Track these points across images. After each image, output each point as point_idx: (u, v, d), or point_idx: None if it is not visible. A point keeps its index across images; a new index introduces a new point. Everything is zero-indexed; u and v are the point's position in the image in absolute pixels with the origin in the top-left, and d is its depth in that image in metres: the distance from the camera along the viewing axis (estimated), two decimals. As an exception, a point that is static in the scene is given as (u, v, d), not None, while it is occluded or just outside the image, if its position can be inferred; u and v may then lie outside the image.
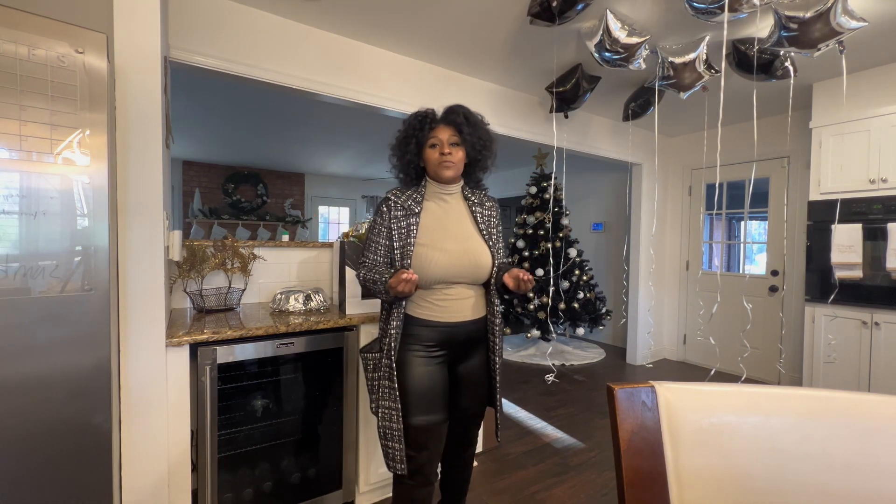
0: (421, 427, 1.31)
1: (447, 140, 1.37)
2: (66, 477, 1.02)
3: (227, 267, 2.07)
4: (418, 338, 1.35)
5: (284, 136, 5.00)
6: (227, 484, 1.57)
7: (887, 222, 2.57)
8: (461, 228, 1.40)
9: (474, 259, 1.36)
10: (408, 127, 1.41)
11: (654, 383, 0.68)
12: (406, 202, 1.39)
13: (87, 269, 1.04)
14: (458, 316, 1.36)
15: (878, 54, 2.53)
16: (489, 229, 1.44)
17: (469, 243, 1.38)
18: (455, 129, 1.39)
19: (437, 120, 1.41)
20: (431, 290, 1.35)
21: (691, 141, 4.25)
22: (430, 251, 1.33)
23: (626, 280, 4.31)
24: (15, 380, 0.96)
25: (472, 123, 1.40)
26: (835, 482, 0.62)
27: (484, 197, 1.50)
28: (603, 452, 2.44)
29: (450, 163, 1.37)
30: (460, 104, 1.43)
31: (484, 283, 1.42)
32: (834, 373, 2.85)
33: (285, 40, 2.21)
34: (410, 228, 1.35)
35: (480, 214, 1.44)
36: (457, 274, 1.34)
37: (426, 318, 1.35)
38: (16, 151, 0.96)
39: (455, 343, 1.38)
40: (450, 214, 1.42)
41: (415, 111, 1.43)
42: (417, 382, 1.32)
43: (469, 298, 1.38)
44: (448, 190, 1.44)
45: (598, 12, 2.10)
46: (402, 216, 1.37)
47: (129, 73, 1.28)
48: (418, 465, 1.32)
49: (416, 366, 1.33)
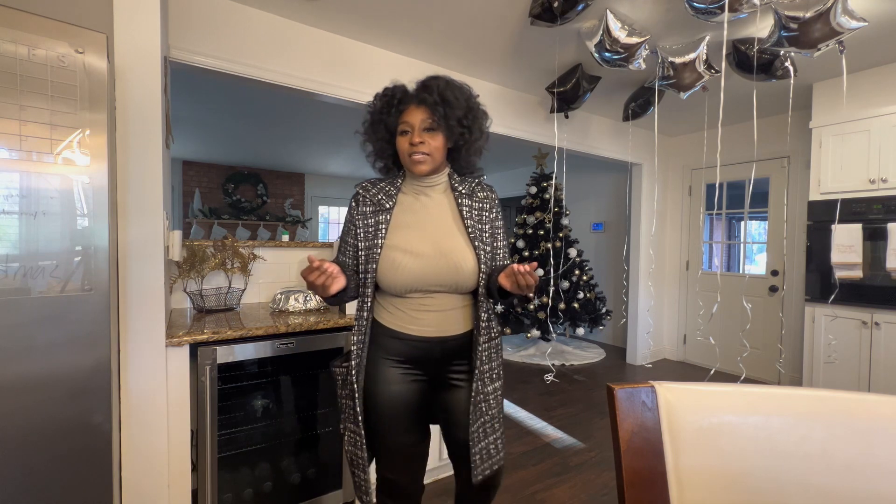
0: (393, 448, 1.17)
1: (419, 125, 1.11)
2: (66, 477, 1.02)
3: (227, 267, 2.07)
4: (387, 350, 1.15)
5: (284, 136, 5.00)
6: (227, 484, 1.57)
7: (887, 222, 2.57)
8: (440, 226, 1.16)
9: (453, 263, 1.11)
10: (373, 109, 1.18)
11: (654, 383, 0.68)
12: (376, 196, 1.18)
13: (86, 269, 1.04)
14: (434, 330, 1.14)
15: (878, 54, 2.53)
16: (479, 225, 1.17)
17: (448, 244, 1.13)
18: (429, 110, 1.11)
19: (406, 98, 1.15)
20: (404, 297, 1.15)
21: (691, 141, 4.25)
22: (399, 255, 1.11)
23: (625, 280, 4.31)
24: (15, 380, 0.96)
25: (448, 101, 1.11)
26: (835, 482, 0.62)
27: (476, 185, 1.22)
28: (603, 452, 2.44)
29: (422, 155, 1.11)
30: (438, 76, 1.15)
31: (473, 291, 1.18)
32: (834, 373, 2.85)
33: (285, 40, 2.21)
34: (378, 227, 1.14)
35: (468, 208, 1.18)
36: (433, 282, 1.12)
37: (395, 329, 1.15)
38: (16, 151, 0.95)
39: (430, 362, 1.16)
40: (428, 209, 1.18)
41: (383, 88, 1.18)
42: (386, 402, 1.14)
43: (451, 310, 1.15)
44: (428, 182, 1.19)
45: (598, 12, 2.10)
46: (370, 212, 1.16)
47: (129, 73, 1.28)
48: (395, 486, 1.20)
49: (385, 382, 1.14)
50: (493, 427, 1.16)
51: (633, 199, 4.29)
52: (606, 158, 3.86)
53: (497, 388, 1.18)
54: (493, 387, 1.16)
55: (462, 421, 1.15)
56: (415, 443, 1.20)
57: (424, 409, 1.21)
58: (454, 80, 1.17)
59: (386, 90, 1.17)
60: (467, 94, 1.16)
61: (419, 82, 1.16)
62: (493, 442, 1.15)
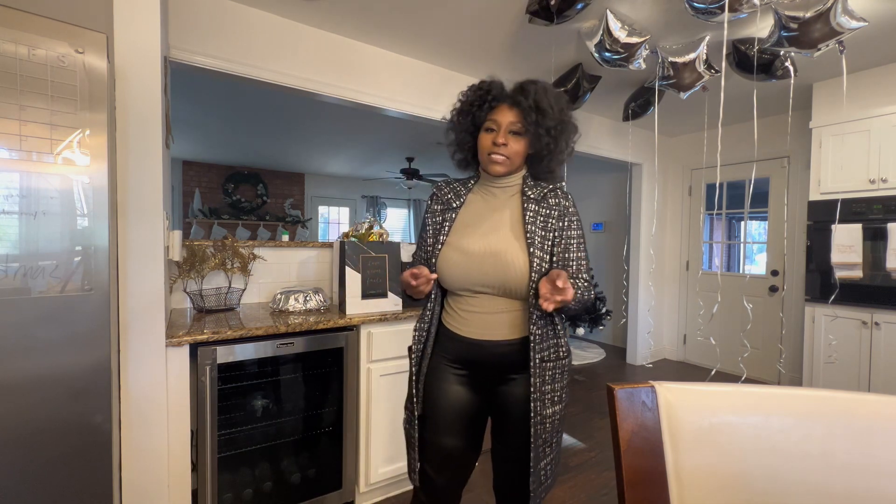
0: (434, 445, 1.15)
1: (506, 126, 1.10)
2: (66, 477, 1.02)
3: (227, 267, 2.07)
4: (445, 349, 1.17)
5: (284, 136, 5.00)
6: (227, 484, 1.57)
7: (887, 222, 2.57)
8: (498, 227, 1.13)
9: (500, 263, 1.08)
10: (466, 100, 1.17)
11: (654, 383, 0.68)
12: (447, 195, 1.21)
13: (87, 269, 1.04)
14: (481, 333, 1.12)
15: (878, 54, 2.53)
16: (541, 231, 1.11)
17: (499, 244, 1.10)
18: (521, 113, 1.10)
19: (501, 97, 1.13)
20: (457, 296, 1.16)
21: (691, 141, 4.25)
22: (452, 252, 1.13)
23: (626, 280, 4.31)
24: (15, 380, 0.96)
25: (542, 110, 1.09)
26: (835, 482, 0.62)
27: (549, 192, 1.16)
28: (603, 452, 2.44)
29: (501, 156, 1.11)
30: (538, 80, 1.13)
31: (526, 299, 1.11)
32: (834, 373, 2.84)
33: (285, 40, 2.21)
34: (444, 225, 1.17)
35: (533, 213, 1.12)
36: (479, 281, 1.10)
37: (451, 329, 1.17)
38: (16, 151, 0.95)
39: (479, 366, 1.14)
40: (493, 211, 1.16)
41: (480, 80, 1.16)
42: (437, 398, 1.15)
43: (498, 314, 1.12)
44: (500, 183, 1.18)
45: (598, 12, 2.10)
46: (439, 210, 1.20)
47: (129, 73, 1.28)
48: (432, 485, 1.17)
49: (440, 380, 1.16)
50: (545, 451, 1.10)
51: (633, 199, 4.29)
52: (606, 158, 3.85)
53: (557, 411, 1.11)
54: (552, 409, 1.10)
55: (512, 440, 1.12)
56: (457, 448, 1.16)
57: (475, 417, 1.18)
58: (552, 87, 1.15)
59: (482, 83, 1.15)
60: (562, 106, 1.14)
61: (517, 83, 1.14)
62: (543, 468, 1.10)
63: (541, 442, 1.08)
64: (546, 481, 1.12)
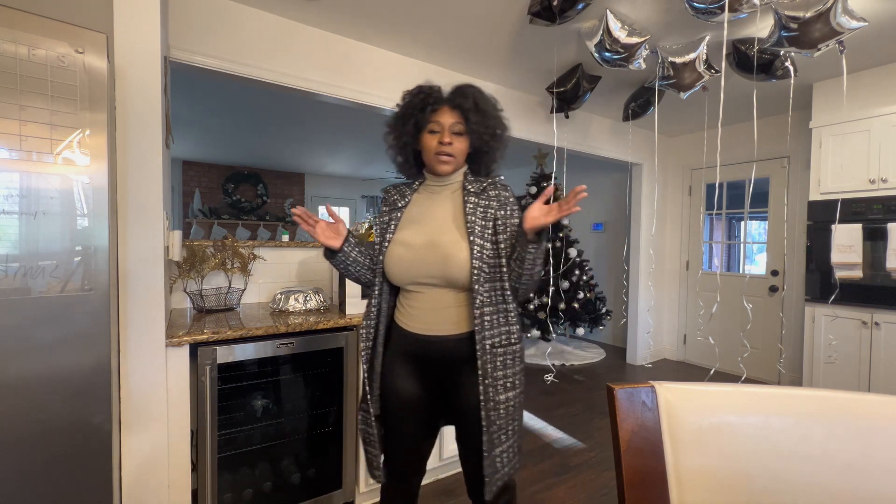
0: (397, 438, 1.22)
1: (449, 127, 1.16)
2: (66, 477, 1.02)
3: (227, 267, 2.07)
4: (398, 345, 1.21)
5: (284, 136, 5.00)
6: (227, 484, 1.57)
7: (887, 222, 2.57)
8: (440, 221, 1.18)
9: (440, 253, 1.11)
10: (407, 104, 1.20)
11: (654, 383, 0.68)
12: (393, 196, 1.27)
13: (87, 269, 1.04)
14: (429, 328, 1.15)
15: (878, 54, 2.53)
16: (481, 221, 1.14)
17: (442, 236, 1.14)
18: (461, 114, 1.16)
19: (442, 100, 1.19)
20: (406, 292, 1.20)
21: (691, 141, 4.25)
22: (397, 247, 1.17)
23: (626, 280, 4.31)
24: (15, 380, 0.96)
25: (481, 110, 1.17)
26: (835, 482, 0.62)
27: (488, 185, 1.21)
28: (603, 452, 2.44)
29: (448, 156, 1.17)
30: (471, 84, 1.20)
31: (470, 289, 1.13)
32: (834, 373, 2.85)
33: (285, 40, 2.21)
34: (390, 224, 1.22)
35: (473, 205, 1.16)
36: (424, 273, 1.13)
37: (401, 325, 1.21)
38: (16, 151, 0.95)
39: (429, 361, 1.17)
40: (434, 206, 1.22)
41: (417, 85, 1.21)
42: (394, 394, 1.20)
43: (445, 308, 1.15)
44: (443, 181, 1.24)
45: (598, 12, 2.10)
46: (387, 211, 1.26)
47: (129, 73, 1.28)
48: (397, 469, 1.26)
49: (395, 375, 1.20)
50: (500, 438, 1.11)
51: (633, 199, 4.29)
52: (606, 158, 3.85)
53: (511, 397, 1.12)
54: (506, 396, 1.11)
55: (469, 429, 1.14)
56: (418, 438, 1.23)
57: (432, 411, 1.23)
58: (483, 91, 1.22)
59: (422, 88, 1.20)
60: (494, 105, 1.22)
61: (454, 87, 1.20)
62: (498, 455, 1.11)
63: (495, 428, 1.10)
64: (503, 468, 1.13)
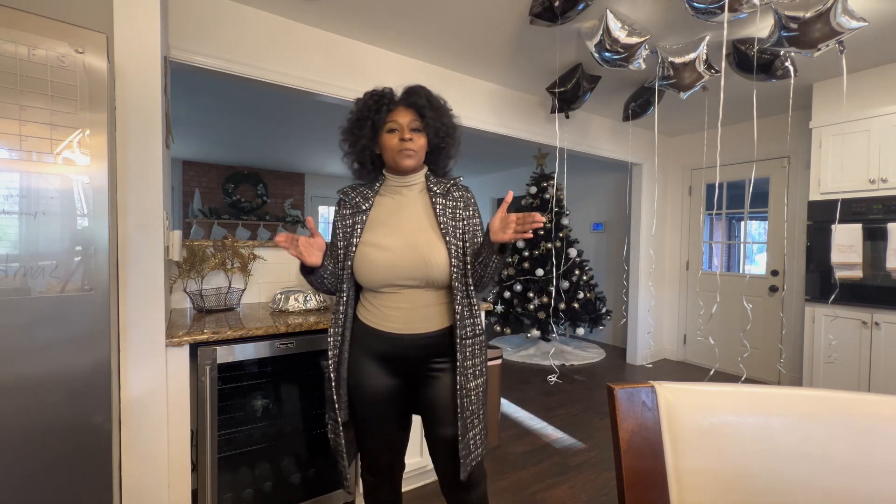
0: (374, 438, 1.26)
1: (407, 124, 1.20)
2: (66, 477, 1.02)
3: (227, 267, 2.07)
4: (367, 346, 1.22)
5: (284, 136, 5.00)
6: (227, 484, 1.57)
7: (887, 222, 2.57)
8: (413, 223, 1.21)
9: (422, 256, 1.15)
10: (362, 107, 1.22)
11: (654, 383, 0.68)
12: (354, 199, 1.25)
13: (87, 269, 1.04)
14: (408, 327, 1.18)
15: (878, 54, 2.53)
16: (451, 222, 1.20)
17: (419, 238, 1.17)
18: (416, 112, 1.21)
19: (396, 101, 1.23)
20: (378, 293, 1.20)
21: (691, 141, 4.26)
22: (371, 250, 1.17)
23: (626, 280, 4.31)
24: (15, 380, 0.96)
25: (435, 107, 1.23)
26: (835, 482, 0.62)
27: (451, 186, 1.27)
28: (603, 452, 2.44)
29: (411, 150, 1.19)
30: (421, 85, 1.25)
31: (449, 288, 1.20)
32: (834, 373, 2.85)
33: (285, 40, 2.21)
34: (355, 227, 1.21)
35: (441, 206, 1.22)
36: (404, 275, 1.16)
37: (372, 326, 1.21)
38: (16, 151, 0.95)
39: (402, 358, 1.20)
40: (403, 208, 1.24)
41: (370, 90, 1.24)
42: (367, 396, 1.21)
43: (425, 308, 1.19)
44: (406, 182, 1.26)
45: (598, 12, 2.10)
46: (348, 214, 1.25)
47: (129, 73, 1.28)
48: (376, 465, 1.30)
49: (366, 377, 1.21)
50: (473, 423, 1.18)
51: (633, 199, 4.29)
52: (606, 158, 3.86)
53: (479, 384, 1.21)
54: (475, 383, 1.19)
55: (444, 417, 1.19)
56: (395, 433, 1.28)
57: (404, 404, 1.27)
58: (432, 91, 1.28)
59: (375, 91, 1.24)
60: (445, 104, 1.28)
61: (406, 88, 1.25)
62: (472, 438, 1.18)
63: (468, 413, 1.16)
64: (475, 450, 1.19)
